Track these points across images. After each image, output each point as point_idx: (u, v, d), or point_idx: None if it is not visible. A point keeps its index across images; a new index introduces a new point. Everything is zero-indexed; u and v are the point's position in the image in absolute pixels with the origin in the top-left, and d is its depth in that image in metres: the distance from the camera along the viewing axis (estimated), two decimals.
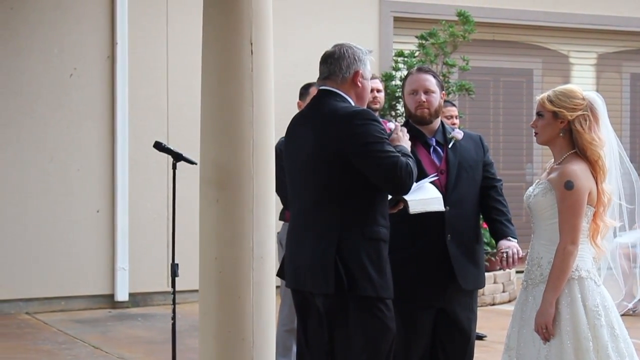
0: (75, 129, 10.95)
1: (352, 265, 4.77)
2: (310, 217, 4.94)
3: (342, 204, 4.84)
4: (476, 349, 5.67)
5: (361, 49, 5.05)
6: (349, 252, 4.78)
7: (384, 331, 4.83)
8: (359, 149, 4.79)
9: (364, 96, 5.08)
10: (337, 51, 5.02)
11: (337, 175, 4.84)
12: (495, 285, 11.29)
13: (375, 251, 4.83)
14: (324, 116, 4.93)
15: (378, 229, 4.86)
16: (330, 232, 4.83)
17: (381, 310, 4.83)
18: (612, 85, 14.78)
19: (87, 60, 11.02)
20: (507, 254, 5.28)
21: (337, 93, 4.97)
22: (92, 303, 11.02)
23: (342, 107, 4.91)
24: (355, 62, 4.99)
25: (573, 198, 4.84)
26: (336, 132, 4.84)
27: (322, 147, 4.88)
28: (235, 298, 6.35)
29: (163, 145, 6.85)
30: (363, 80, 5.03)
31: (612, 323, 4.87)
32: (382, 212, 4.90)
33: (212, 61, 6.37)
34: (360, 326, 4.81)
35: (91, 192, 11.02)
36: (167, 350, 7.04)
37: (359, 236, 4.81)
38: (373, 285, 4.79)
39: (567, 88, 5.04)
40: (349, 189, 4.83)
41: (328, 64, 5.02)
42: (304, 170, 5.00)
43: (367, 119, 4.84)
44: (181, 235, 7.22)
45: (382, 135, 4.84)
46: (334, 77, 4.99)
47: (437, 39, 11.51)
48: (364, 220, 4.84)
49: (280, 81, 7.75)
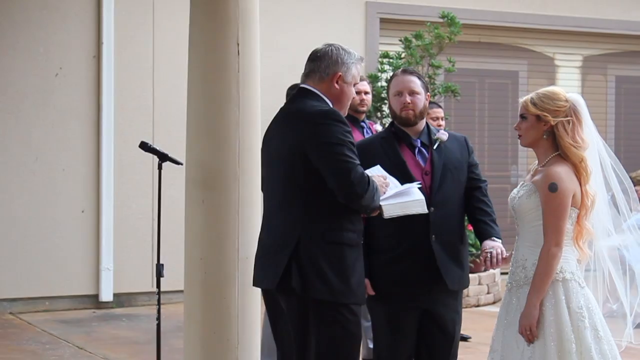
0: (61, 129, 10.93)
1: (307, 267, 4.68)
2: (274, 217, 4.89)
3: (305, 204, 4.74)
4: (461, 350, 5.69)
5: (350, 53, 4.94)
6: (306, 254, 4.69)
7: (345, 336, 4.74)
8: (318, 149, 4.69)
9: (342, 100, 4.96)
10: (323, 49, 4.94)
11: (300, 175, 4.75)
12: (479, 286, 11.31)
13: (336, 255, 4.72)
14: (292, 114, 4.88)
15: (342, 233, 4.74)
16: (291, 231, 4.75)
17: (342, 315, 4.72)
18: (597, 87, 14.83)
19: (73, 59, 11.00)
20: (491, 254, 5.29)
21: (314, 92, 4.89)
22: (76, 303, 10.99)
23: (311, 106, 4.82)
24: (338, 65, 4.89)
25: (557, 200, 4.85)
26: (300, 130, 4.76)
27: (287, 145, 4.80)
28: (220, 299, 6.35)
29: (149, 145, 6.84)
30: (343, 83, 4.92)
31: (595, 325, 4.88)
32: (348, 216, 4.77)
33: (199, 61, 6.37)
34: (319, 330, 4.73)
35: (76, 192, 11.00)
36: (151, 350, 7.03)
37: (319, 239, 4.71)
38: (331, 289, 4.68)
39: (550, 90, 5.05)
40: (311, 190, 4.74)
41: (311, 61, 4.95)
42: (271, 169, 4.96)
43: (333, 120, 4.73)
44: (166, 235, 7.22)
45: (345, 138, 4.71)
46: (313, 75, 4.92)
47: (423, 41, 11.53)
48: (326, 222, 4.73)
49: (267, 82, 7.75)
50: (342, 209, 4.76)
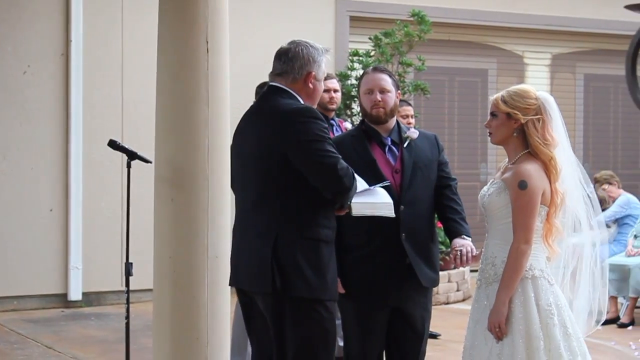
0: (29, 127, 10.86)
1: (287, 265, 4.68)
2: (250, 215, 4.86)
3: (281, 202, 4.74)
4: (430, 348, 5.70)
5: (317, 49, 4.94)
6: (284, 251, 4.69)
7: (320, 333, 4.75)
8: (298, 147, 4.69)
9: (314, 97, 4.98)
10: (293, 50, 4.92)
11: (276, 172, 4.74)
12: (449, 284, 11.34)
13: (313, 252, 4.73)
14: (266, 112, 4.86)
15: (318, 230, 4.75)
16: (268, 230, 4.74)
17: (318, 312, 4.73)
18: (566, 85, 14.91)
19: (41, 58, 10.93)
20: (461, 252, 5.31)
21: (286, 90, 4.88)
22: (45, 302, 10.93)
23: (285, 103, 4.81)
24: (310, 63, 4.89)
25: (526, 198, 4.86)
26: (276, 128, 4.75)
27: (262, 143, 4.79)
28: (190, 297, 6.33)
29: (117, 143, 6.81)
30: (315, 81, 4.93)
31: (564, 322, 4.90)
32: (324, 212, 4.80)
33: (168, 59, 6.34)
34: (295, 327, 4.72)
35: (45, 191, 10.94)
36: (120, 349, 7.00)
37: (296, 236, 4.71)
38: (309, 286, 4.69)
39: (521, 88, 5.06)
40: (288, 187, 4.73)
41: (282, 62, 4.93)
42: (245, 167, 4.93)
43: (310, 117, 4.74)
44: (135, 234, 7.18)
45: (323, 134, 4.73)
46: (286, 75, 4.90)
47: (393, 39, 11.54)
48: (302, 219, 4.73)
49: (237, 81, 7.73)
50: (318, 206, 4.77)
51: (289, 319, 4.73)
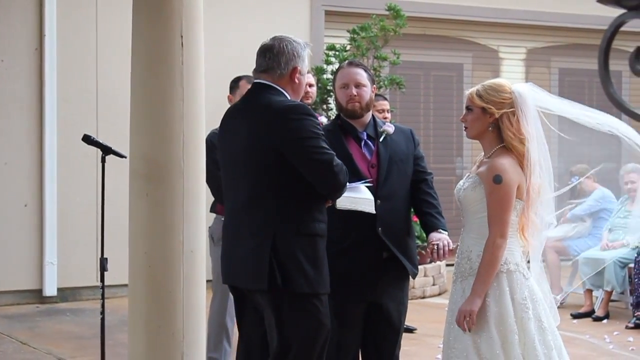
0: (3, 122, 10.80)
1: (286, 262, 4.73)
2: (245, 212, 4.89)
3: (277, 199, 4.78)
4: (406, 342, 5.71)
5: (300, 43, 4.99)
6: (283, 247, 4.74)
7: (317, 327, 4.81)
8: (294, 144, 4.74)
9: (299, 91, 5.03)
10: (277, 46, 4.95)
11: (272, 169, 4.78)
12: (425, 278, 11.35)
13: (311, 247, 4.79)
14: (259, 110, 4.88)
15: (314, 225, 4.81)
16: (265, 227, 4.78)
17: (315, 306, 4.80)
18: (541, 80, 14.92)
19: (15, 52, 10.87)
20: (438, 246, 5.33)
21: (273, 87, 4.91)
22: (19, 298, 10.88)
23: (277, 100, 4.85)
24: (295, 58, 4.93)
25: (501, 192, 4.87)
26: (270, 126, 4.78)
27: (256, 141, 4.82)
28: (165, 292, 6.31)
29: (92, 138, 6.78)
30: (300, 76, 4.98)
31: (539, 316, 4.91)
32: (318, 207, 4.86)
33: (142, 54, 6.31)
34: (294, 322, 4.78)
35: (19, 186, 10.88)
36: (96, 345, 6.98)
37: (294, 232, 4.76)
38: (309, 281, 4.76)
39: (496, 82, 5.07)
40: (283, 184, 4.78)
41: (266, 58, 4.95)
42: (238, 164, 4.95)
43: (303, 114, 4.79)
44: (110, 229, 7.15)
45: (317, 131, 4.79)
46: (272, 71, 4.93)
47: (369, 33, 11.54)
48: (299, 215, 4.79)
49: (211, 75, 7.70)
50: (313, 201, 4.83)
51: (287, 314, 4.77)
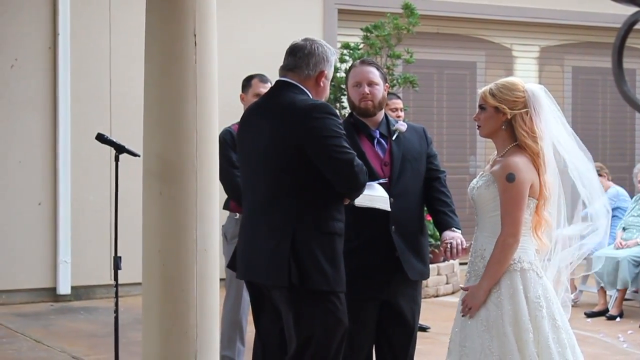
0: (16, 121, 10.84)
1: (305, 259, 4.75)
2: (265, 209, 4.91)
3: (298, 196, 4.80)
4: (420, 341, 5.70)
5: (330, 49, 5.05)
6: (303, 245, 4.76)
7: (336, 325, 4.83)
8: (316, 143, 4.76)
9: (322, 95, 5.06)
10: (309, 46, 4.99)
11: (293, 167, 4.80)
12: (438, 277, 11.34)
13: (329, 245, 4.81)
14: (282, 107, 4.90)
15: (333, 223, 4.83)
16: (285, 225, 4.80)
17: (334, 304, 4.82)
18: (554, 78, 14.92)
19: (29, 51, 10.90)
20: (451, 244, 5.31)
21: (297, 86, 4.94)
22: (34, 296, 10.92)
23: (300, 99, 4.87)
24: (323, 62, 4.98)
25: (514, 190, 4.86)
26: (293, 124, 4.80)
27: (278, 138, 4.84)
28: (179, 291, 6.32)
29: (105, 137, 6.79)
30: (326, 80, 5.03)
31: (553, 314, 4.90)
32: (337, 206, 4.88)
33: (155, 52, 6.33)
34: (312, 320, 4.80)
35: (33, 185, 10.91)
36: (109, 343, 6.99)
37: (313, 230, 4.78)
38: (327, 279, 4.77)
39: (509, 81, 5.06)
40: (304, 182, 4.80)
41: (296, 57, 4.98)
42: (259, 161, 4.96)
43: (326, 113, 4.81)
44: (124, 228, 7.16)
45: (340, 130, 4.81)
46: (299, 71, 4.96)
47: (382, 32, 11.53)
48: (319, 213, 4.81)
49: (224, 74, 7.71)
50: (333, 200, 4.85)
51: (306, 311, 4.79)
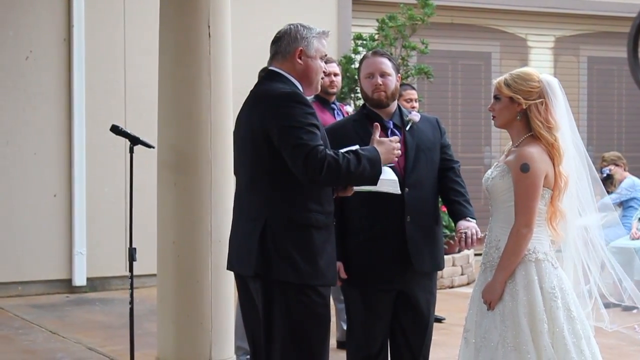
0: (32, 113, 10.86)
1: (272, 249, 4.65)
2: (243, 199, 4.86)
3: (271, 187, 4.71)
4: (435, 332, 5.69)
5: (310, 28, 4.87)
6: (272, 236, 4.66)
7: (310, 317, 4.70)
8: (278, 131, 4.63)
9: (310, 75, 4.88)
10: (282, 30, 4.90)
11: (265, 157, 4.70)
12: (453, 267, 11.33)
13: (302, 237, 4.68)
14: (256, 96, 4.85)
15: (307, 215, 4.70)
16: (258, 215, 4.72)
17: (308, 296, 4.68)
18: (569, 68, 14.87)
19: (43, 43, 10.92)
20: (466, 234, 5.29)
21: (280, 74, 4.84)
22: (49, 288, 10.95)
23: (274, 87, 4.77)
24: (297, 40, 4.83)
25: (528, 181, 4.85)
26: (262, 112, 4.71)
27: (251, 127, 4.77)
28: (194, 282, 6.33)
29: (120, 128, 6.79)
30: (306, 58, 4.84)
31: (568, 305, 4.89)
32: (314, 197, 4.73)
33: (170, 44, 6.33)
34: (284, 312, 4.69)
35: (48, 176, 10.94)
36: (125, 334, 7.00)
37: (285, 221, 4.68)
38: (297, 271, 4.65)
39: (524, 71, 5.04)
40: (277, 172, 4.69)
41: (273, 44, 4.92)
42: (239, 151, 4.93)
43: (295, 101, 4.67)
44: (139, 219, 7.17)
45: (305, 120, 4.64)
46: (277, 56, 4.88)
47: (396, 22, 11.51)
48: (291, 205, 4.69)
49: (238, 65, 7.71)
50: (309, 191, 4.72)
51: (277, 304, 4.70)
